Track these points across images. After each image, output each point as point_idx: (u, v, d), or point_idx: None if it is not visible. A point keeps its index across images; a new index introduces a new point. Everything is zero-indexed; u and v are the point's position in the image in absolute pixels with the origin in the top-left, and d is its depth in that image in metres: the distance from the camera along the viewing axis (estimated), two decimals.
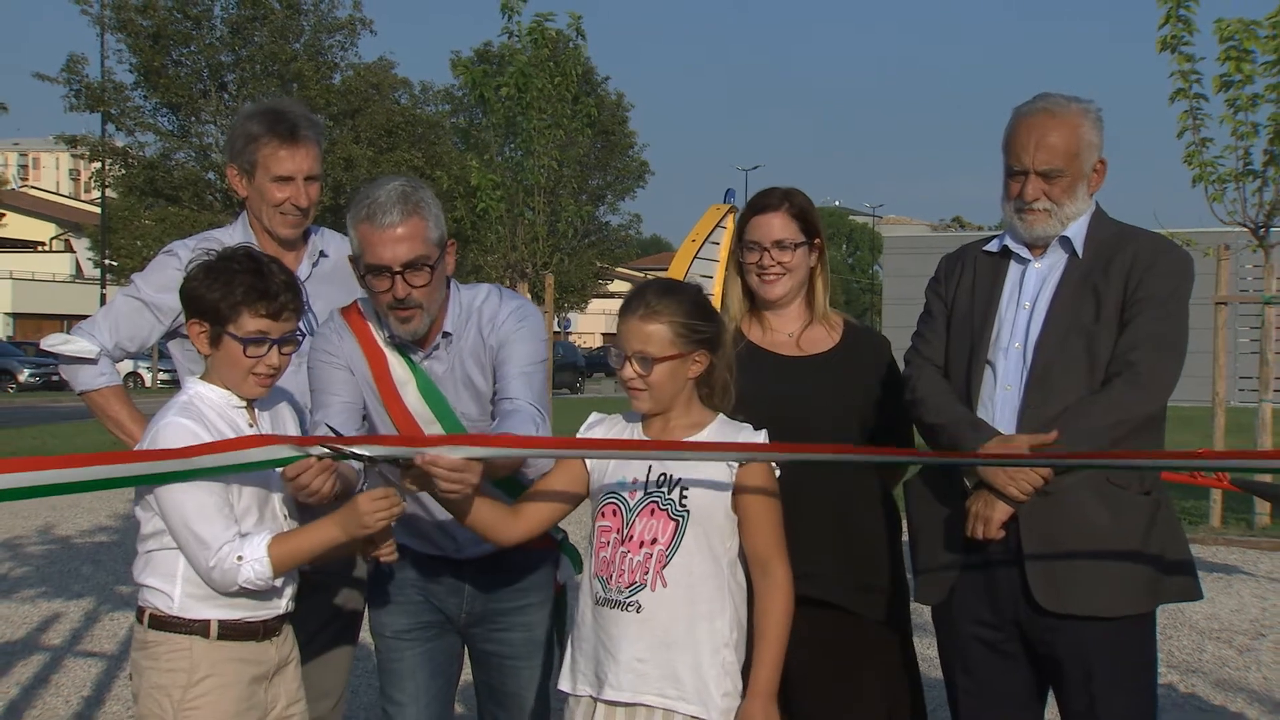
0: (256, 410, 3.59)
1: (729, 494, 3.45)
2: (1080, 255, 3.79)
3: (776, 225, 4.06)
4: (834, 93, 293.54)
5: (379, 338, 3.94)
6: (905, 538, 4.09)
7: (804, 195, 4.16)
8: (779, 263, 4.06)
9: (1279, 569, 11.40)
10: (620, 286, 70.32)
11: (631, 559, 3.44)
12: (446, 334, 3.93)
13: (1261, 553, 12.15)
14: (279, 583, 3.47)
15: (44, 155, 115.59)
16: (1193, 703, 7.13)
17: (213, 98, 46.47)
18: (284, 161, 4.26)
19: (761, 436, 3.52)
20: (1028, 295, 3.82)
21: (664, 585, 3.41)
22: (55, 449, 20.51)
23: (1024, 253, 3.88)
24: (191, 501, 3.34)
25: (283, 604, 3.56)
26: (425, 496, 3.54)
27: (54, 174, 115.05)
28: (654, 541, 3.43)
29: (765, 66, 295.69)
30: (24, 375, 45.95)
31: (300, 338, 3.59)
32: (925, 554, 3.90)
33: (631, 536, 3.45)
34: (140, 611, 3.51)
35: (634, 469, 3.52)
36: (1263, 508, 13.23)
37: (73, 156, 57.97)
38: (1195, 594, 3.78)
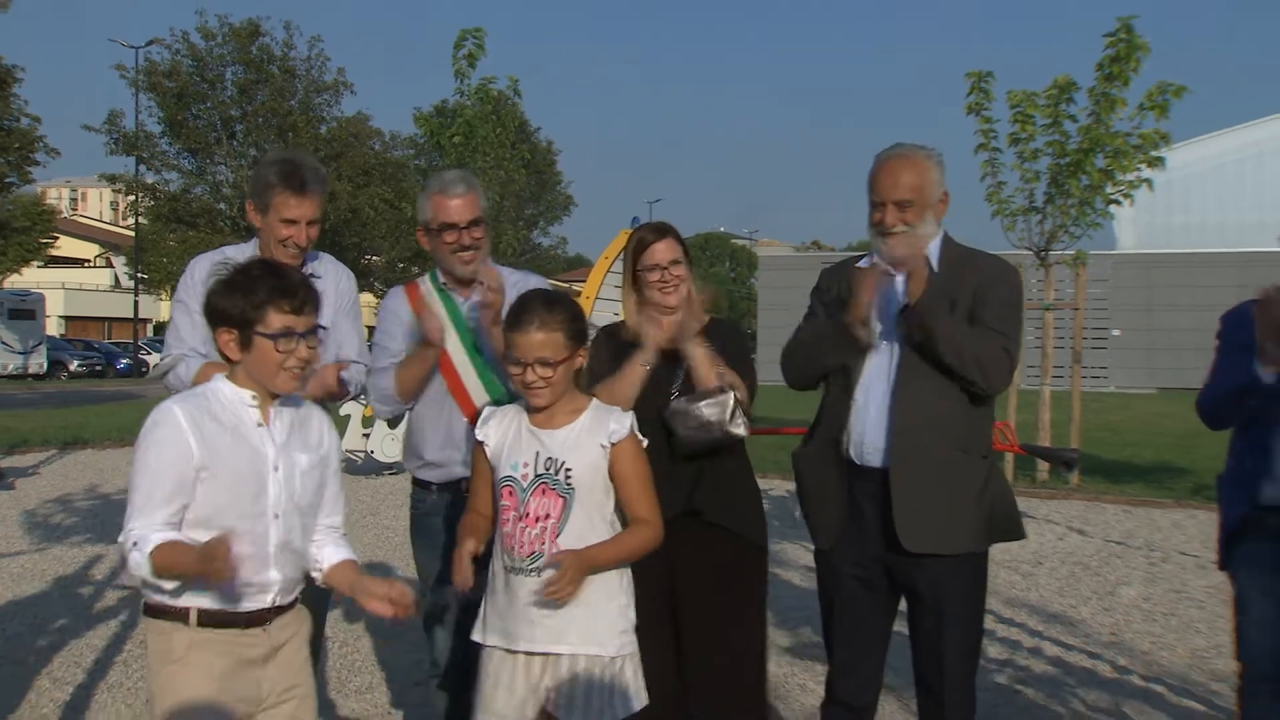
0: (273, 409, 3.10)
1: (606, 468, 3.30)
2: (936, 270, 3.75)
3: (663, 250, 4.03)
4: (721, 139, 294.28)
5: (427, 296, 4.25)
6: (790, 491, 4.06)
7: (674, 227, 4.13)
8: (676, 276, 4.03)
9: (1054, 513, 11.69)
10: None
11: (529, 532, 3.25)
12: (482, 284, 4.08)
13: (1041, 500, 12.46)
14: (273, 575, 3.06)
15: (90, 190, 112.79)
16: (989, 616, 7.27)
17: (224, 144, 46.26)
18: (292, 208, 4.20)
19: (629, 419, 3.36)
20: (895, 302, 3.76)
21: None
22: (96, 425, 20.12)
23: (888, 268, 3.78)
24: (146, 478, 2.91)
25: (269, 598, 3.07)
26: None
27: (98, 205, 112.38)
28: (547, 516, 3.25)
29: (665, 118, 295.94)
30: (74, 365, 45.03)
31: (322, 331, 3.22)
32: (816, 511, 3.88)
33: (528, 514, 3.26)
34: (143, 599, 3.11)
35: (524, 454, 3.32)
36: (1043, 467, 13.55)
37: (113, 191, 57.02)
38: (1019, 535, 3.82)
